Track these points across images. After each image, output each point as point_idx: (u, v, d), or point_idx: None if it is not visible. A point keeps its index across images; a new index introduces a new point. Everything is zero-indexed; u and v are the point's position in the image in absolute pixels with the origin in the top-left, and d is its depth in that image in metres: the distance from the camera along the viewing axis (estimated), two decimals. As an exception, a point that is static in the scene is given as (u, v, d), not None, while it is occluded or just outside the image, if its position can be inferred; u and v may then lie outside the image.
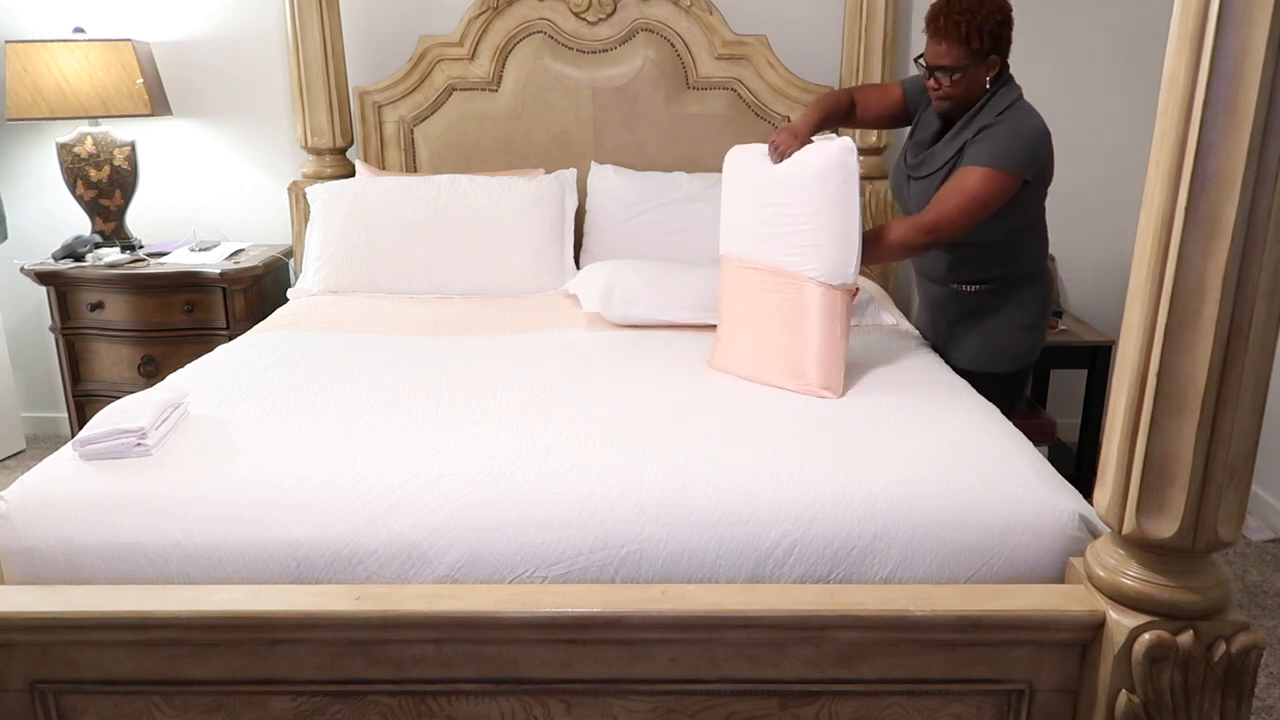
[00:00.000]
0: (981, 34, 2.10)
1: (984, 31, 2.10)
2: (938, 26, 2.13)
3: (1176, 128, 1.18)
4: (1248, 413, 1.25)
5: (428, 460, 1.66)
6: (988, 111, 2.18)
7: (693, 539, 1.54)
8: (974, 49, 2.11)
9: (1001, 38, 2.14)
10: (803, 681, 1.46)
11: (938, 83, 2.18)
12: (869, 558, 1.54)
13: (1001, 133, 2.12)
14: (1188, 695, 1.36)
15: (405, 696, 1.49)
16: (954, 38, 2.11)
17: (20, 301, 3.59)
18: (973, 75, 2.15)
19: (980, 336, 2.35)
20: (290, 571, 1.54)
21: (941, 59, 2.14)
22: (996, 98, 2.18)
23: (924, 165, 2.30)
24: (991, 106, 2.18)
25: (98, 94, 3.10)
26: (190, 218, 3.49)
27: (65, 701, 1.50)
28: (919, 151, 2.33)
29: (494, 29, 3.20)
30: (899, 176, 2.42)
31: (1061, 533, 1.54)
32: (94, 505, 1.58)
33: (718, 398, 1.95)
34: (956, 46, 2.11)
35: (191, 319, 3.12)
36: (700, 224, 3.01)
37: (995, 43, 2.13)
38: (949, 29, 2.11)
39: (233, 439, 1.77)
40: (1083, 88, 3.30)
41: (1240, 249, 1.18)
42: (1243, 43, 1.12)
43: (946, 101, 2.21)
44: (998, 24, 2.12)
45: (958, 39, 2.10)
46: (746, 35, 3.20)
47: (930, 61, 2.17)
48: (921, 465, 1.64)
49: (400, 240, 2.93)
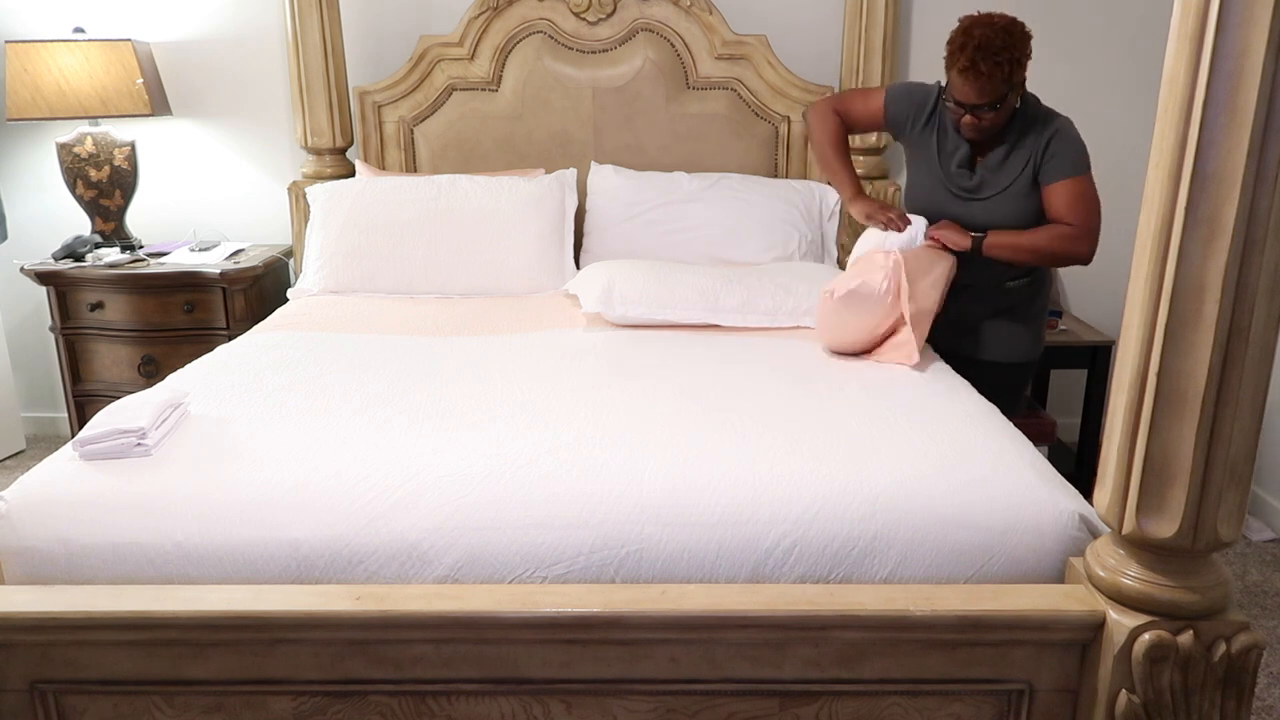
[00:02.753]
0: (1021, 65, 2.15)
1: (1023, 62, 2.15)
2: (978, 71, 2.11)
3: (1176, 128, 1.18)
4: (1248, 413, 1.25)
5: (428, 460, 1.66)
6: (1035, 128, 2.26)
7: (693, 539, 1.54)
8: (1017, 81, 2.16)
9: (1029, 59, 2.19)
10: (803, 681, 1.46)
11: (978, 118, 2.20)
12: (869, 558, 1.54)
13: (1069, 140, 2.25)
14: (1188, 695, 1.36)
15: (405, 696, 1.49)
16: (998, 77, 2.12)
17: (20, 301, 3.60)
18: (1010, 101, 2.22)
19: (1016, 327, 2.45)
20: (290, 571, 1.54)
21: (984, 97, 2.16)
22: (1035, 113, 2.28)
23: (985, 186, 2.34)
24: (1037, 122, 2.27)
25: (98, 94, 3.10)
26: (190, 218, 3.49)
27: (65, 701, 1.50)
28: (967, 174, 2.35)
29: (494, 29, 3.20)
30: (940, 196, 2.40)
31: (1061, 533, 1.54)
32: (94, 505, 1.58)
33: (718, 398, 1.95)
34: (1000, 84, 2.14)
35: (191, 319, 3.12)
36: (700, 224, 3.02)
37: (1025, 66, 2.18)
38: (992, 72, 2.11)
39: (233, 439, 1.77)
40: (1083, 88, 3.30)
41: (1240, 249, 1.18)
42: (1243, 43, 1.12)
43: (987, 134, 2.26)
44: (1029, 51, 2.16)
45: (1002, 78, 2.12)
46: (746, 35, 3.20)
47: (972, 101, 2.18)
48: (921, 465, 1.64)
49: (400, 240, 2.93)
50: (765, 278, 2.63)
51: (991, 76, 2.11)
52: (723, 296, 2.52)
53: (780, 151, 3.27)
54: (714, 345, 2.34)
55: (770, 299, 2.51)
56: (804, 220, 3.06)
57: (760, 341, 2.37)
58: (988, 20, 2.15)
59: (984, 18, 2.16)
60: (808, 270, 2.75)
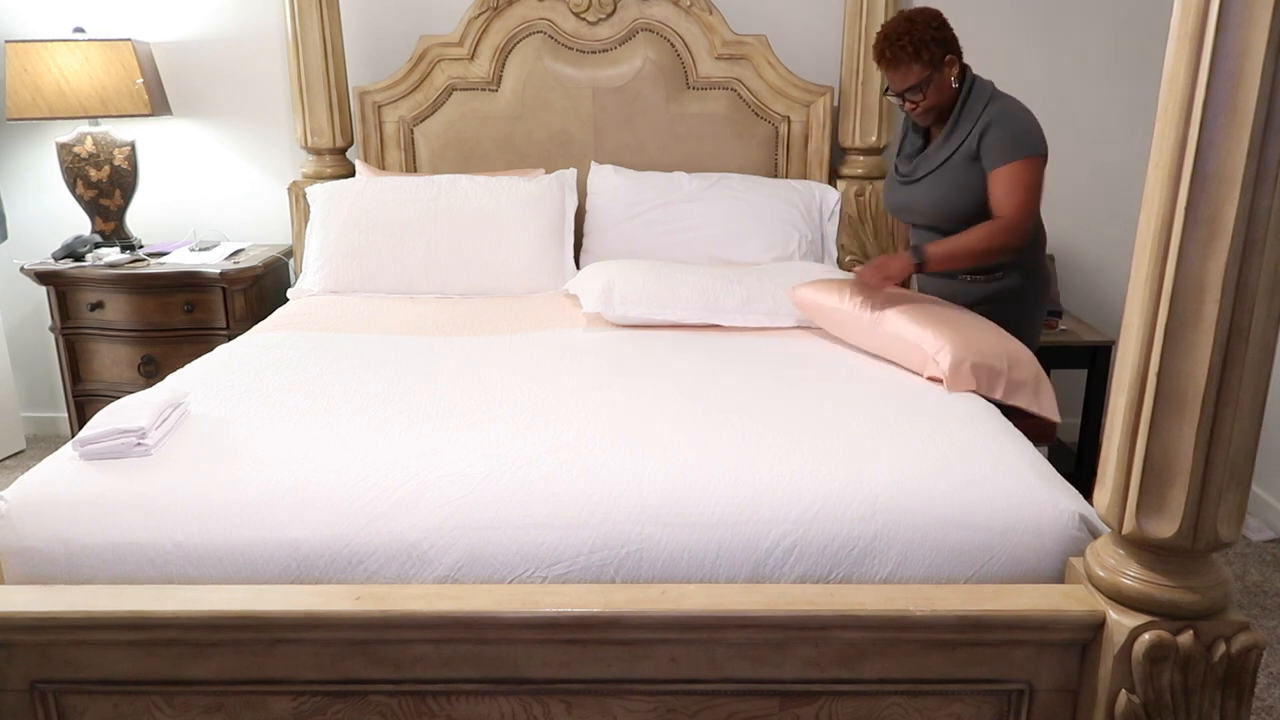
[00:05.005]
0: (927, 44, 2.25)
1: (927, 40, 2.25)
2: (886, 59, 2.29)
3: (1176, 128, 1.18)
4: (1248, 413, 1.25)
5: (428, 460, 1.66)
6: (971, 108, 2.31)
7: (693, 539, 1.54)
8: (927, 59, 2.26)
9: (945, 39, 2.29)
10: (803, 681, 1.46)
11: (913, 104, 2.33)
12: (869, 558, 1.54)
13: (1006, 124, 2.25)
14: (1188, 695, 1.36)
15: (405, 696, 1.49)
16: (904, 59, 2.27)
17: (20, 301, 3.60)
18: (938, 81, 2.30)
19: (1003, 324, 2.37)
20: (290, 571, 1.54)
21: (906, 81, 2.30)
22: (974, 94, 2.32)
23: (918, 169, 2.43)
24: (973, 102, 2.32)
25: (98, 94, 3.10)
26: (190, 218, 3.49)
27: (65, 701, 1.50)
28: (909, 162, 2.47)
29: (494, 29, 3.20)
30: (892, 189, 2.54)
31: (1061, 533, 1.54)
32: (94, 505, 1.58)
33: (718, 398, 1.95)
34: (910, 65, 2.27)
35: (191, 319, 3.13)
36: (700, 224, 3.02)
37: (943, 45, 2.28)
38: (897, 56, 2.27)
39: (233, 439, 1.77)
40: (1083, 88, 3.30)
41: (1240, 249, 1.18)
42: (1243, 43, 1.12)
43: (929, 114, 2.36)
44: (935, 29, 2.27)
45: (909, 59, 2.27)
46: (746, 35, 3.20)
47: (897, 88, 2.33)
48: (921, 465, 1.64)
49: (400, 240, 2.93)
50: (765, 278, 2.63)
51: (897, 60, 2.27)
52: (723, 296, 2.52)
53: (780, 151, 3.27)
54: (714, 345, 2.34)
55: (770, 299, 2.51)
56: (804, 220, 3.06)
57: (760, 341, 2.37)
58: (897, 15, 2.33)
59: (897, 14, 2.34)
60: (808, 270, 2.75)
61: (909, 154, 2.48)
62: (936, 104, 2.33)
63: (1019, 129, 2.24)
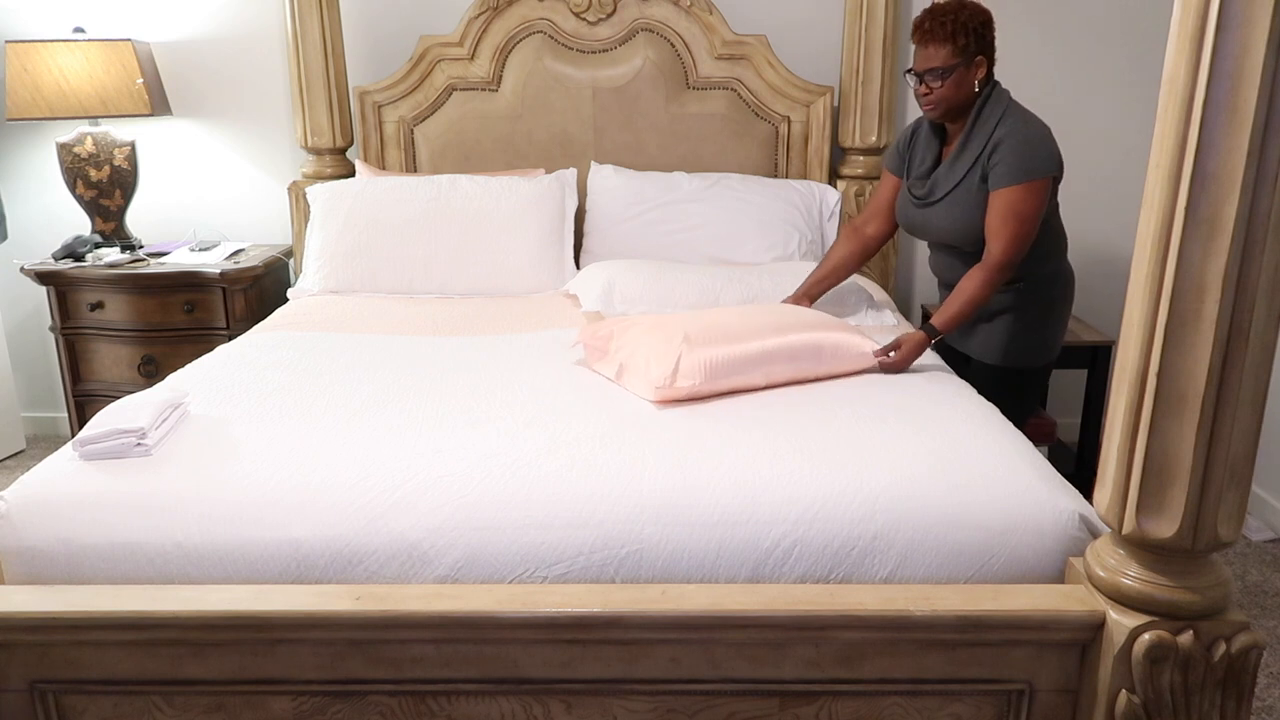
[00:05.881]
0: (967, 32, 2.20)
1: (969, 29, 2.20)
2: (924, 31, 2.23)
3: (1176, 128, 1.18)
4: (1248, 413, 1.25)
5: (428, 460, 1.66)
6: (985, 122, 2.25)
7: (693, 539, 1.54)
8: (961, 46, 2.20)
9: (985, 38, 2.24)
10: (803, 681, 1.46)
11: (929, 87, 2.26)
12: (869, 558, 1.54)
13: (1017, 144, 2.19)
14: (1188, 695, 1.36)
15: (405, 696, 1.49)
16: (941, 37, 2.21)
17: (20, 301, 3.59)
18: (961, 76, 2.23)
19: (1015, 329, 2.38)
20: (290, 571, 1.54)
21: (931, 61, 2.23)
22: (989, 105, 2.26)
23: (933, 191, 2.36)
24: (987, 115, 2.25)
25: (98, 94, 3.10)
26: (190, 218, 3.49)
27: (65, 701, 1.50)
28: (923, 182, 2.40)
29: (494, 29, 3.20)
30: (907, 209, 2.46)
31: (1061, 533, 1.54)
32: (94, 505, 1.58)
33: (717, 398, 1.95)
34: (944, 46, 2.21)
35: (191, 319, 3.13)
36: (700, 224, 3.02)
37: (980, 43, 2.22)
38: (935, 30, 2.21)
39: (233, 439, 1.77)
40: (1082, 88, 3.30)
41: (1240, 249, 1.18)
42: (1243, 43, 1.12)
43: (939, 107, 2.27)
44: (981, 25, 2.22)
45: (945, 38, 2.20)
46: (746, 35, 3.20)
47: (920, 67, 2.26)
48: (921, 465, 1.64)
49: (400, 240, 2.93)
50: (765, 278, 2.62)
51: (933, 35, 2.21)
52: (723, 296, 2.51)
53: (780, 151, 3.27)
54: (714, 345, 2.33)
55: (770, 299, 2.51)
56: (804, 220, 3.06)
57: (760, 341, 2.36)
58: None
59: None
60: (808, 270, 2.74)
61: (920, 174, 2.40)
62: (951, 99, 2.24)
63: (1027, 150, 2.17)
